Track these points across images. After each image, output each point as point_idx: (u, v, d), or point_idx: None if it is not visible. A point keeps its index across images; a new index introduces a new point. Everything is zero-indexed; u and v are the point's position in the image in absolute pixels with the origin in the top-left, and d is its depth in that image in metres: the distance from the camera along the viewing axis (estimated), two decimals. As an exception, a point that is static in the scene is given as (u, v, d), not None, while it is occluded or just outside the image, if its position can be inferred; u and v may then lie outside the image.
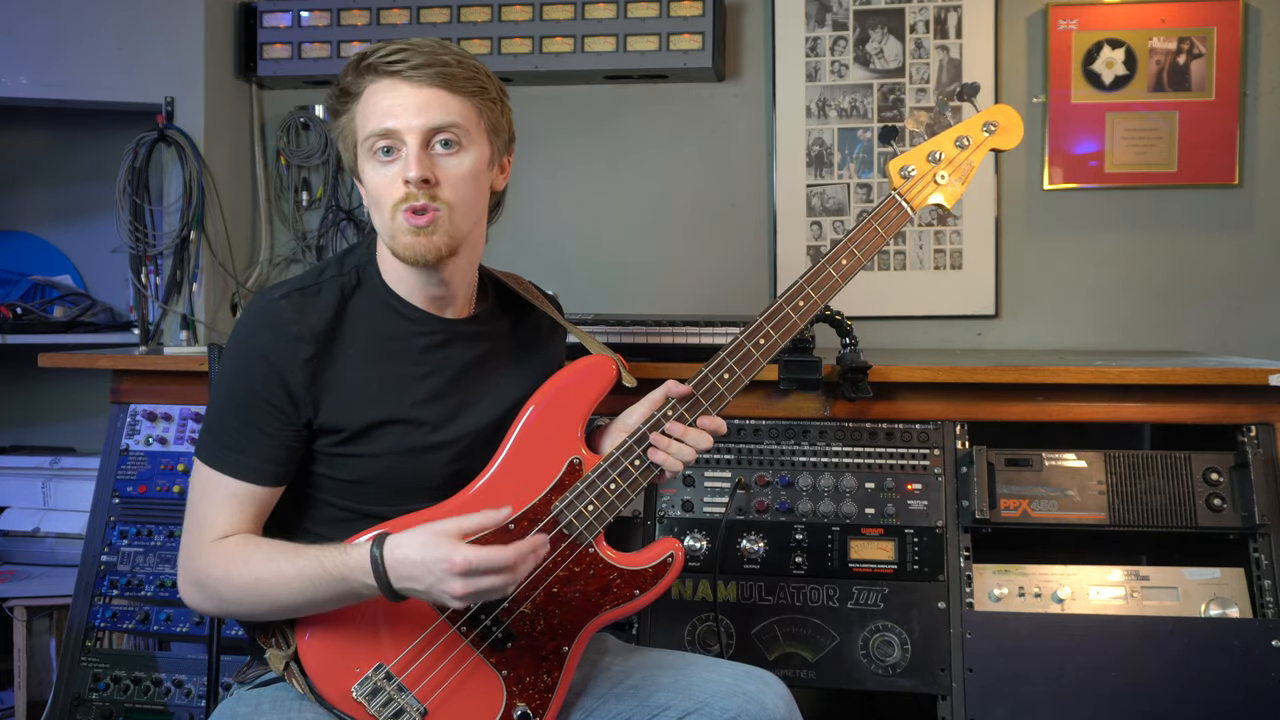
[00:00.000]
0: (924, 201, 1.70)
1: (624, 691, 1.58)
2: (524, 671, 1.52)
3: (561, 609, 1.54)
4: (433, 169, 1.47)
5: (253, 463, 1.49)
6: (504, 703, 1.51)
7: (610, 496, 1.54)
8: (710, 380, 1.57)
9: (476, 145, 1.52)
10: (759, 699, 1.53)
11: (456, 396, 1.58)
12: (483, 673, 1.51)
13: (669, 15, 2.91)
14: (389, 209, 1.48)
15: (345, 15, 3.04)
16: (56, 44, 2.89)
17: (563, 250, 3.07)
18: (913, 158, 1.70)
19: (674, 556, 1.57)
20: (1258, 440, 2.05)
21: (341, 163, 3.11)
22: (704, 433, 1.56)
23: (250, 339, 1.50)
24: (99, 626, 2.27)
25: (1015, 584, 2.06)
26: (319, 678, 1.48)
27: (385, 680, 1.47)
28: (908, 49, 2.96)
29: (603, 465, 1.55)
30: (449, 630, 1.49)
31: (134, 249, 2.92)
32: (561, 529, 1.53)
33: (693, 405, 1.57)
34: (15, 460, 2.96)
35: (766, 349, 1.59)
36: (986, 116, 1.71)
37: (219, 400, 1.54)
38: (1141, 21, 2.87)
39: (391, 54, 1.47)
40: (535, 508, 1.53)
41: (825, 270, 1.63)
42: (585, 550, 1.54)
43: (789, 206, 3.00)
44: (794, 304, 1.60)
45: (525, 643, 1.52)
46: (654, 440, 1.55)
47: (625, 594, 1.56)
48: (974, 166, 1.70)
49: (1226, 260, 2.89)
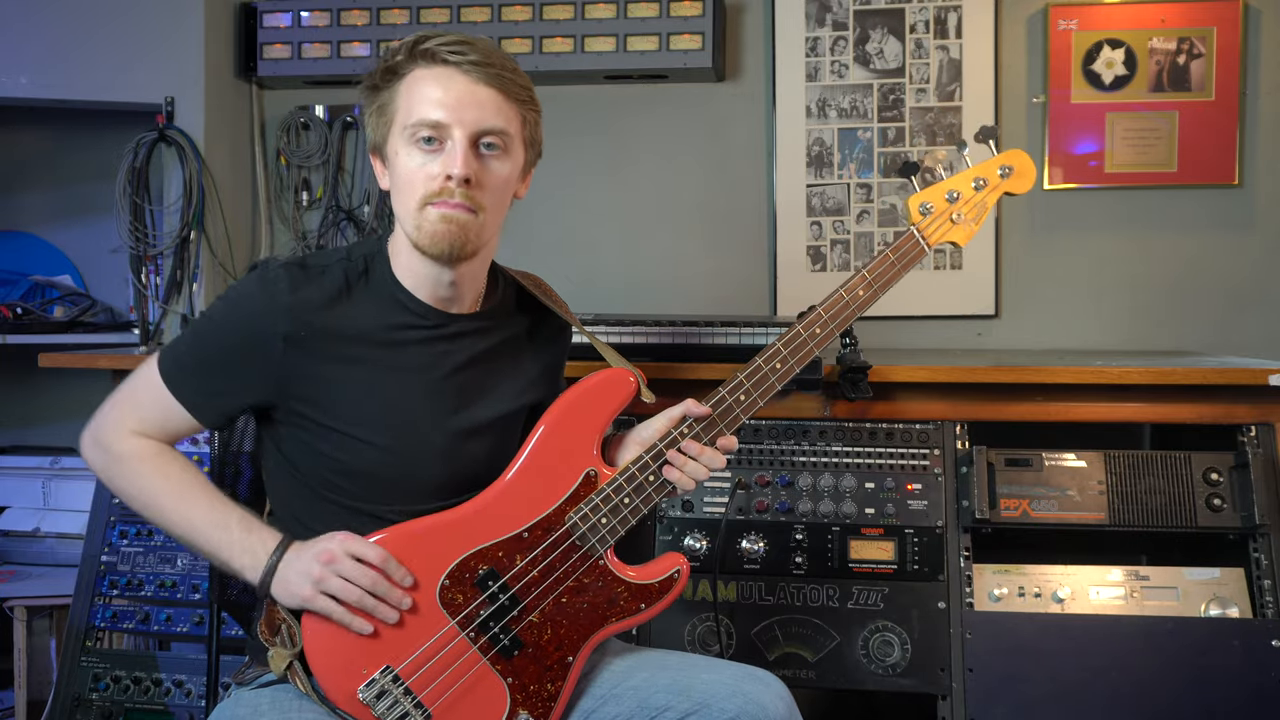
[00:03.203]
0: (940, 239, 1.72)
1: (624, 692, 1.58)
2: (529, 680, 1.53)
3: (569, 620, 1.54)
4: (476, 170, 1.48)
5: (198, 399, 1.54)
6: (507, 710, 1.52)
7: (624, 511, 1.55)
8: (727, 401, 1.59)
9: (515, 153, 1.53)
10: (759, 700, 1.52)
11: (455, 392, 1.58)
12: (489, 680, 1.51)
13: (669, 15, 2.91)
14: (419, 199, 1.48)
15: (345, 15, 3.04)
16: (56, 44, 2.89)
17: (562, 250, 3.07)
18: (932, 195, 1.72)
19: (680, 573, 1.58)
20: (1258, 440, 2.05)
21: (341, 163, 3.14)
22: (719, 453, 1.58)
23: (242, 296, 1.54)
24: (99, 626, 2.27)
25: (1015, 584, 2.06)
26: (325, 677, 1.47)
27: (392, 683, 1.47)
28: (908, 49, 2.96)
29: (618, 480, 1.56)
30: (458, 636, 1.50)
31: (134, 249, 2.92)
32: (574, 540, 1.54)
33: (709, 425, 1.58)
34: (15, 460, 2.97)
35: (783, 373, 1.61)
36: (1003, 160, 1.74)
37: (196, 332, 1.58)
38: (1141, 21, 2.87)
39: (452, 44, 1.47)
40: (550, 517, 1.54)
41: (842, 301, 1.66)
42: (596, 562, 1.55)
43: (789, 206, 3.00)
44: (811, 331, 1.63)
45: (532, 651, 1.53)
46: (671, 458, 1.56)
47: (631, 607, 1.57)
48: (988, 208, 1.74)
49: (1226, 260, 2.89)
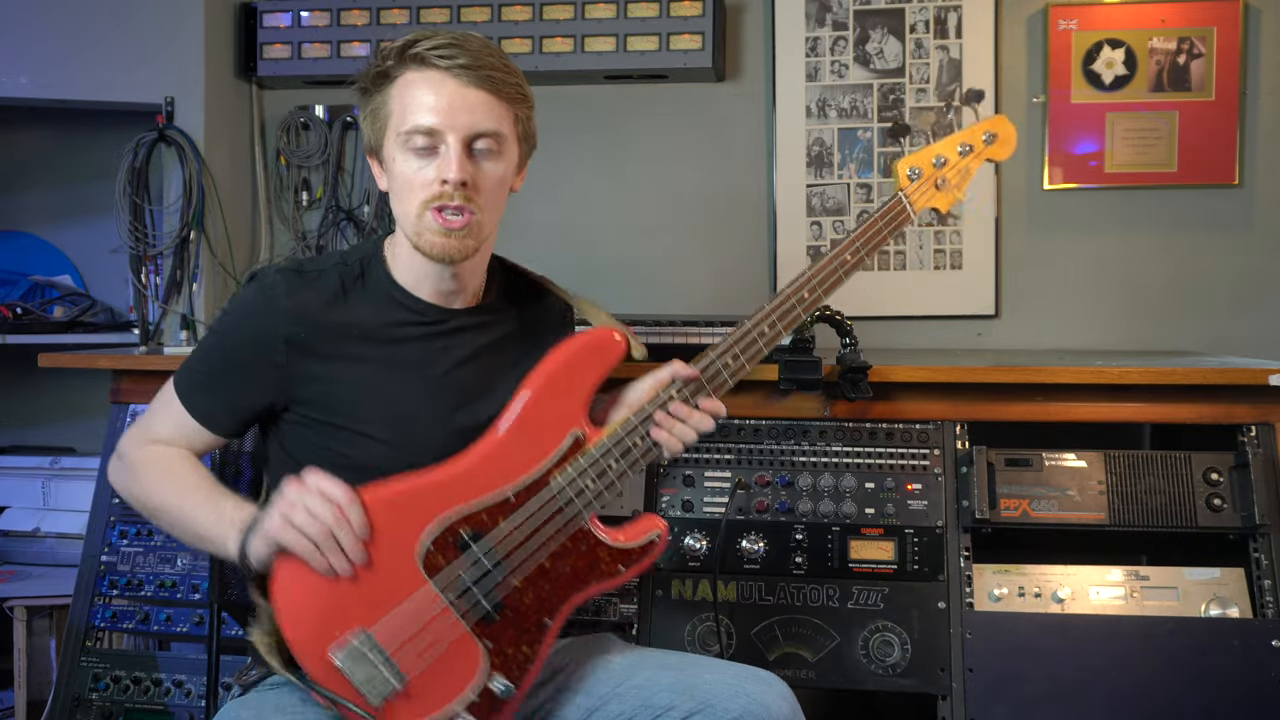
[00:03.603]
0: (925, 204, 1.72)
1: (626, 691, 1.58)
2: (506, 644, 1.51)
3: (550, 583, 1.54)
4: (471, 172, 1.49)
5: (210, 411, 1.59)
6: (483, 672, 1.49)
7: (611, 475, 1.55)
8: (715, 365, 1.60)
9: (509, 152, 1.55)
10: (762, 700, 1.52)
11: (457, 389, 1.58)
12: (466, 644, 1.49)
13: (669, 15, 2.91)
14: (418, 204, 1.50)
15: (345, 15, 3.04)
16: (56, 44, 2.89)
17: (562, 250, 3.06)
18: (920, 159, 1.72)
19: (659, 536, 1.59)
20: (1258, 440, 2.05)
21: (341, 163, 3.14)
22: (706, 415, 1.59)
23: (241, 305, 1.59)
24: (99, 626, 2.27)
25: (1015, 584, 2.06)
26: (299, 645, 1.42)
27: (367, 645, 1.43)
28: (908, 49, 2.96)
29: (606, 443, 1.56)
30: (438, 599, 1.47)
31: (134, 249, 2.92)
32: (560, 504, 1.53)
33: (697, 388, 1.59)
34: (15, 460, 2.97)
35: (770, 337, 1.63)
36: (988, 126, 1.74)
37: (204, 346, 1.63)
38: (1141, 21, 2.87)
39: (441, 48, 1.48)
40: (536, 480, 1.53)
41: (829, 265, 1.66)
42: (580, 526, 1.55)
43: (789, 206, 3.01)
44: (799, 295, 1.65)
45: (512, 615, 1.51)
46: (658, 419, 1.57)
47: (611, 570, 1.57)
48: (970, 173, 1.73)
49: (1226, 260, 2.89)
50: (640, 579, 2.09)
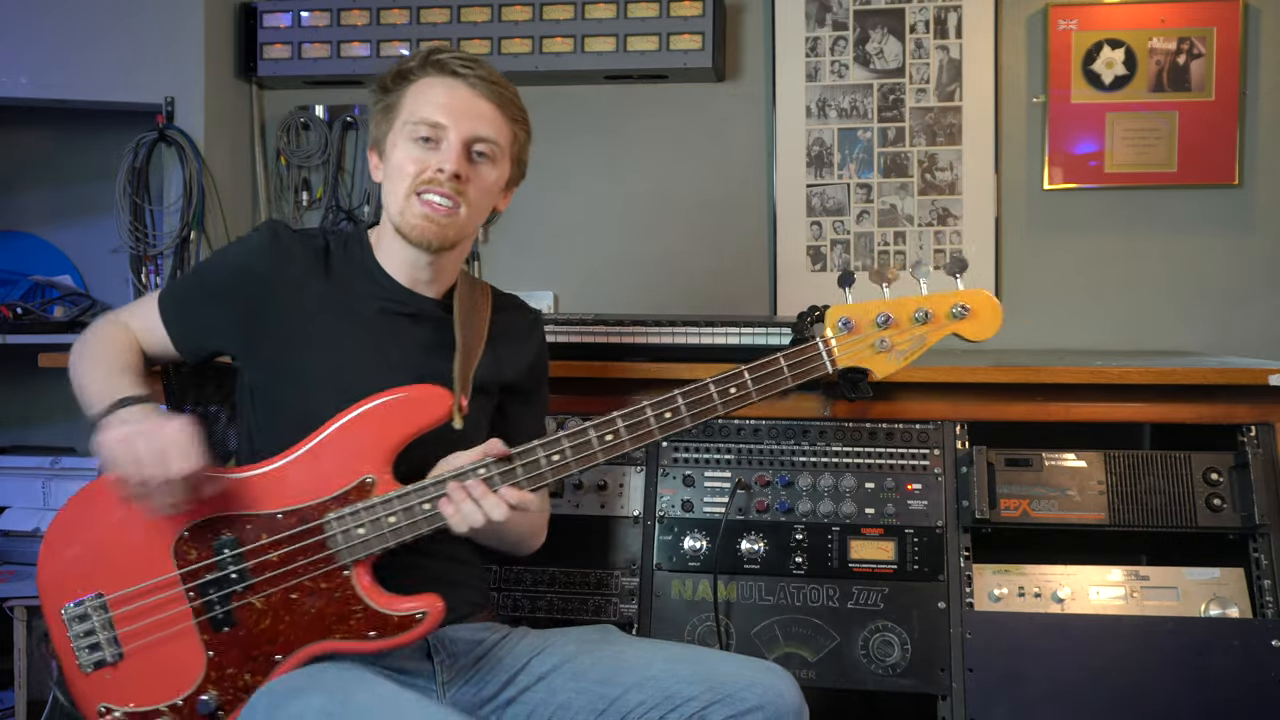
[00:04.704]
0: (852, 363, 1.56)
1: (644, 681, 1.59)
2: (229, 662, 1.50)
3: (292, 618, 1.50)
4: (466, 170, 1.62)
5: (174, 316, 1.69)
6: (197, 683, 1.49)
7: (385, 529, 1.51)
8: (539, 455, 1.54)
9: (501, 165, 1.68)
10: (778, 689, 1.56)
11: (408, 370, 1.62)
12: (191, 645, 1.49)
13: (669, 15, 2.91)
14: (408, 185, 1.61)
15: (345, 15, 3.04)
16: (56, 44, 2.89)
17: (563, 250, 3.07)
18: (859, 312, 1.54)
19: (425, 615, 1.51)
20: (1258, 440, 2.05)
21: (341, 163, 3.15)
22: (502, 502, 1.51)
23: (237, 241, 1.73)
24: (99, 626, 2.26)
25: (1015, 584, 2.06)
26: (45, 585, 1.52)
27: (98, 609, 1.50)
28: (908, 49, 2.96)
29: (391, 496, 1.52)
30: (177, 588, 1.50)
31: (134, 249, 2.92)
32: (325, 540, 1.51)
33: (506, 472, 1.52)
34: (15, 460, 2.96)
35: (610, 446, 1.56)
36: (961, 298, 1.55)
37: (197, 265, 1.78)
38: (1141, 21, 2.88)
39: (462, 59, 1.64)
40: (309, 509, 1.51)
41: (707, 390, 1.57)
42: (339, 571, 1.51)
43: (789, 206, 3.01)
44: (658, 413, 1.57)
45: (243, 634, 1.50)
46: (450, 491, 1.51)
47: (360, 630, 1.51)
48: (927, 344, 1.53)
49: (1226, 260, 2.89)
50: (641, 579, 2.09)
